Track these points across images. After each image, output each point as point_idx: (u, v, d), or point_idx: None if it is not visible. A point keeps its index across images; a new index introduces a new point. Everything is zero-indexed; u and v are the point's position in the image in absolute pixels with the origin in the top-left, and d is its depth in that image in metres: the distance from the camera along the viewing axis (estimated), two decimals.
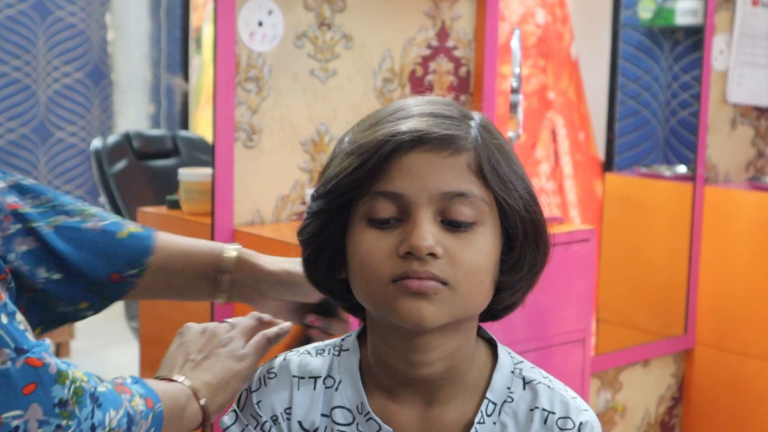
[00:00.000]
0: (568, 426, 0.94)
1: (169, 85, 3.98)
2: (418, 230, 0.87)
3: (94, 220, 1.11)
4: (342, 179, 0.90)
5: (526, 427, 0.95)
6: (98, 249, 1.10)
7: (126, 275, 1.12)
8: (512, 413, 0.95)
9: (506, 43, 2.82)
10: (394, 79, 2.44)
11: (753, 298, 3.16)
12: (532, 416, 0.95)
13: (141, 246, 1.12)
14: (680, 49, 3.43)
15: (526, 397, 0.96)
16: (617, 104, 3.44)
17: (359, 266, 0.90)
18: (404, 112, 0.92)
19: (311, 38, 2.29)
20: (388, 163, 0.89)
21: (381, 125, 0.91)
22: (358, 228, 0.91)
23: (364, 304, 0.93)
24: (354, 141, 0.92)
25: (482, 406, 0.95)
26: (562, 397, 0.96)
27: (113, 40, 4.04)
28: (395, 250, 0.88)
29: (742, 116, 3.43)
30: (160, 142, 3.36)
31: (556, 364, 2.38)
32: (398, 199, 0.89)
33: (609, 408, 3.13)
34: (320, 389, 0.96)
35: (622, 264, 3.38)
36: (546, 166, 3.31)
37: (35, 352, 0.82)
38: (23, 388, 0.80)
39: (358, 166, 0.90)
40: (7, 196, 1.06)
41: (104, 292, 1.12)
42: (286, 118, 2.28)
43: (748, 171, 3.49)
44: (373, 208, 0.89)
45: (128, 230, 1.13)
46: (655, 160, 3.50)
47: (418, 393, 0.95)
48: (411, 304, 0.88)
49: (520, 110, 2.41)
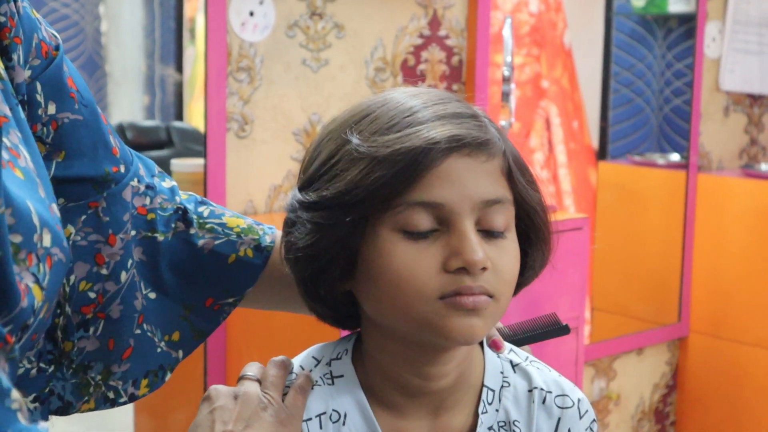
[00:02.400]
0: (568, 404, 0.94)
1: (163, 75, 3.98)
2: (470, 243, 0.82)
3: (208, 237, 1.03)
4: (374, 189, 0.82)
5: (528, 409, 0.93)
6: (203, 273, 1.02)
7: (221, 303, 1.04)
8: (512, 398, 0.94)
9: (499, 32, 2.82)
10: (386, 69, 2.44)
11: (747, 285, 3.17)
12: (532, 397, 0.94)
13: (246, 275, 1.03)
14: (673, 37, 3.43)
15: (521, 380, 0.95)
16: (611, 92, 3.45)
17: (395, 283, 0.83)
18: (425, 112, 0.85)
19: (303, 28, 2.29)
20: (427, 171, 0.82)
21: (407, 128, 0.84)
22: (388, 240, 0.83)
23: (394, 320, 0.86)
24: (375, 146, 0.84)
25: (483, 395, 0.92)
26: (552, 376, 0.96)
27: (107, 31, 4.04)
28: (441, 266, 0.83)
29: (735, 104, 3.44)
30: (154, 133, 3.36)
31: (549, 353, 2.39)
32: (438, 209, 0.83)
33: (603, 396, 3.14)
34: (327, 426, 0.90)
35: (616, 252, 3.39)
36: (540, 155, 3.32)
37: None
38: None
39: (395, 176, 0.82)
40: (135, 198, 0.99)
41: (197, 319, 1.03)
42: (278, 108, 2.28)
43: (741, 158, 3.49)
44: (410, 219, 0.83)
45: (239, 253, 1.03)
46: (649, 148, 3.51)
47: (426, 405, 0.91)
48: (463, 322, 0.83)
49: (512, 99, 2.41)
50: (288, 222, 0.90)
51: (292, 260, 0.89)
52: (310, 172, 0.88)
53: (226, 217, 1.05)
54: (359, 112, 0.88)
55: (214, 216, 1.05)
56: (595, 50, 3.43)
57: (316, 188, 0.86)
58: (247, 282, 1.03)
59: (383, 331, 0.89)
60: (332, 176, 0.85)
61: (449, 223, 0.83)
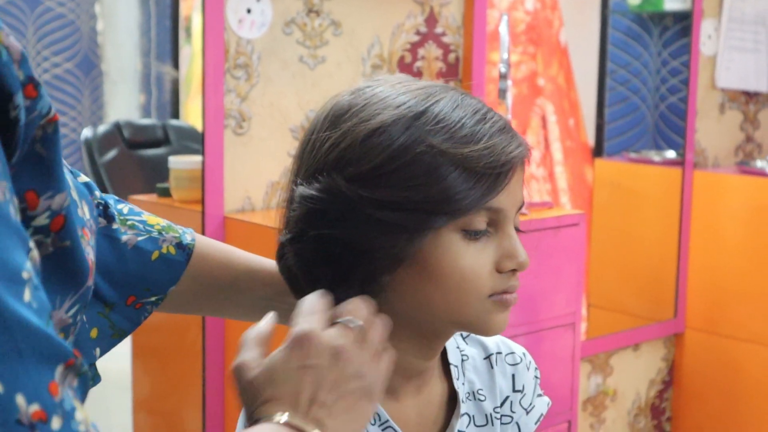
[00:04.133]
0: (517, 360, 1.03)
1: (159, 74, 3.98)
2: (518, 246, 0.89)
3: (131, 233, 1.00)
4: (462, 198, 0.86)
5: (488, 375, 1.01)
6: (125, 269, 0.99)
7: (143, 301, 1.01)
8: (472, 368, 1.00)
9: (495, 29, 2.82)
10: (383, 66, 2.44)
11: (742, 281, 3.18)
12: (491, 363, 1.01)
13: (169, 272, 1.01)
14: (669, 35, 3.44)
15: (475, 348, 1.01)
16: (606, 90, 3.45)
17: (457, 281, 0.87)
18: (487, 123, 0.89)
19: (300, 25, 2.30)
20: (508, 184, 0.89)
21: (485, 139, 0.87)
22: (451, 240, 0.87)
23: (437, 314, 0.89)
24: (463, 154, 0.86)
25: (452, 372, 0.98)
26: (497, 338, 1.03)
27: (103, 30, 4.04)
28: (494, 266, 0.89)
29: (730, 101, 3.45)
30: (150, 131, 3.36)
31: (546, 349, 2.40)
32: (496, 212, 0.89)
33: (600, 392, 3.15)
34: None
35: (613, 249, 3.40)
36: (536, 153, 3.32)
37: None
38: None
39: (488, 187, 0.87)
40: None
41: (117, 317, 0.99)
42: (275, 105, 2.29)
43: (737, 155, 3.50)
44: (473, 222, 0.87)
45: (162, 250, 1.01)
46: (645, 145, 3.52)
47: (414, 383, 0.95)
48: (503, 317, 0.90)
49: (508, 96, 2.42)
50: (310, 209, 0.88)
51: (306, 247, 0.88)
52: (368, 168, 0.86)
53: (145, 215, 1.04)
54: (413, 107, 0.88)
55: (134, 213, 1.03)
56: (591, 48, 3.43)
57: (384, 185, 0.86)
58: (170, 280, 1.01)
59: (401, 320, 0.90)
60: (409, 176, 0.86)
61: (499, 225, 0.89)
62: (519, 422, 1.02)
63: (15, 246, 0.61)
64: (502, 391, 1.01)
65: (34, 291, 0.62)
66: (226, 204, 2.22)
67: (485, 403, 1.00)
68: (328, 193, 0.87)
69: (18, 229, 0.62)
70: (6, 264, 0.60)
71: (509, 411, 1.01)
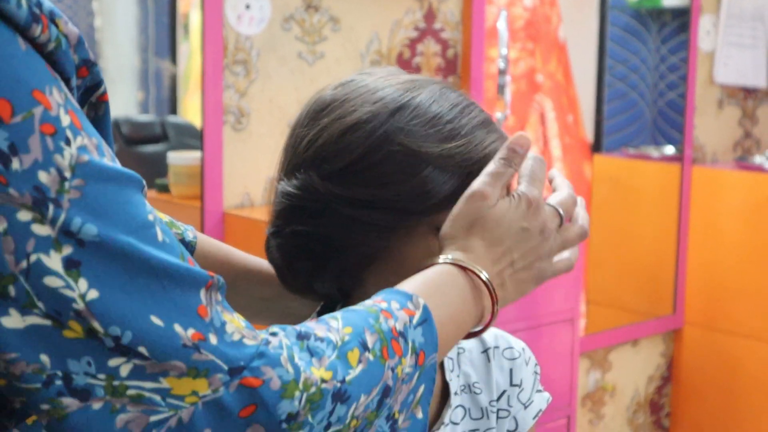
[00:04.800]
0: (515, 355, 1.03)
1: (157, 71, 3.97)
2: None
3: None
4: (436, 194, 0.87)
5: (485, 368, 1.01)
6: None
7: None
8: (468, 361, 1.00)
9: (494, 25, 2.82)
10: (381, 62, 2.44)
11: (741, 277, 3.18)
12: (488, 356, 1.01)
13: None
14: (667, 31, 3.44)
15: (473, 343, 1.02)
16: (605, 86, 3.45)
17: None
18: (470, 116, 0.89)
19: (298, 21, 2.30)
20: None
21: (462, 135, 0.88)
22: (422, 236, 0.87)
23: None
24: (436, 152, 0.86)
25: (446, 364, 0.98)
26: (494, 332, 1.03)
27: (101, 26, 4.03)
28: None
29: (729, 97, 3.45)
30: (149, 128, 3.36)
31: (545, 344, 2.40)
32: None
33: (599, 388, 3.15)
34: None
35: (611, 245, 3.40)
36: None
37: (253, 369, 0.69)
38: (240, 412, 0.68)
39: (460, 185, 0.87)
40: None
41: None
42: (274, 101, 2.29)
43: (736, 151, 3.51)
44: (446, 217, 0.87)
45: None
46: (643, 141, 3.52)
47: None
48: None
49: (507, 91, 2.42)
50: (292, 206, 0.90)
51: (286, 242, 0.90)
52: (342, 165, 0.87)
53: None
54: (389, 104, 0.88)
55: None
56: (589, 44, 3.43)
57: (358, 183, 0.86)
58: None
59: None
60: (381, 174, 0.86)
61: None
62: (516, 417, 1.02)
63: (133, 192, 0.68)
64: (499, 385, 1.01)
65: (162, 227, 0.69)
66: (225, 200, 2.22)
67: (481, 396, 1.00)
68: (305, 191, 0.88)
69: (128, 174, 0.69)
70: (134, 217, 0.67)
71: (506, 405, 1.02)
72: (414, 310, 0.77)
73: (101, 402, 0.66)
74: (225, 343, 0.69)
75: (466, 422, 0.99)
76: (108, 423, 0.67)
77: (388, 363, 0.74)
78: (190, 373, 0.67)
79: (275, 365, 0.70)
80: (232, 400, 0.68)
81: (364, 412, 0.74)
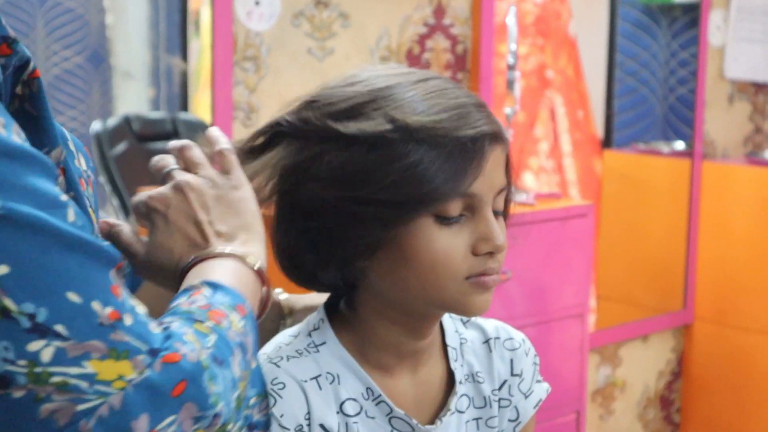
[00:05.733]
0: (516, 345, 1.04)
1: (168, 68, 3.98)
2: (496, 230, 0.90)
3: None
4: (446, 181, 0.88)
5: (487, 358, 1.02)
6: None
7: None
8: (471, 351, 1.02)
9: (503, 21, 2.82)
10: (391, 58, 2.45)
11: (751, 272, 3.18)
12: (489, 347, 1.03)
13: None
14: (678, 26, 3.44)
15: (474, 332, 1.03)
16: (615, 82, 3.45)
17: (430, 265, 0.89)
18: (460, 99, 0.90)
19: (308, 17, 2.30)
20: (480, 167, 0.89)
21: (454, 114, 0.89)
22: (424, 225, 0.89)
23: (417, 297, 0.92)
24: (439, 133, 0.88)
25: (449, 353, 1.00)
26: (495, 323, 1.05)
27: (112, 24, 4.04)
28: (470, 249, 0.90)
29: (739, 92, 3.44)
30: (160, 125, 3.37)
31: (555, 339, 2.40)
32: (471, 197, 0.90)
33: (609, 383, 3.15)
34: (326, 387, 0.93)
35: (622, 240, 3.40)
36: (545, 145, 3.32)
37: (168, 348, 0.69)
38: (172, 391, 0.68)
39: (459, 169, 0.88)
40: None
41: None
42: (284, 97, 2.29)
43: (746, 146, 3.50)
44: (447, 207, 0.89)
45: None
46: (654, 136, 3.51)
47: (409, 362, 0.98)
48: (483, 298, 0.92)
49: (516, 86, 2.42)
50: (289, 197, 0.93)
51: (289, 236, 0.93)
52: (342, 107, 0.92)
53: None
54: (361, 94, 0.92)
55: None
56: (599, 40, 3.43)
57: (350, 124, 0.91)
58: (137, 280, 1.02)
59: (386, 302, 0.94)
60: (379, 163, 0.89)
61: (476, 209, 0.90)
62: (517, 406, 1.04)
63: (45, 175, 0.67)
64: (501, 374, 1.03)
65: (75, 210, 0.68)
66: None
67: (483, 385, 1.02)
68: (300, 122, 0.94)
69: (40, 158, 0.68)
70: (44, 194, 0.66)
71: (507, 394, 1.03)
72: (200, 289, 0.79)
73: (23, 390, 0.64)
74: (139, 324, 0.68)
75: (470, 411, 1.00)
76: (31, 413, 0.64)
77: (224, 327, 0.76)
78: (111, 355, 0.66)
79: (184, 342, 0.71)
80: (161, 379, 0.67)
81: (242, 372, 0.76)
